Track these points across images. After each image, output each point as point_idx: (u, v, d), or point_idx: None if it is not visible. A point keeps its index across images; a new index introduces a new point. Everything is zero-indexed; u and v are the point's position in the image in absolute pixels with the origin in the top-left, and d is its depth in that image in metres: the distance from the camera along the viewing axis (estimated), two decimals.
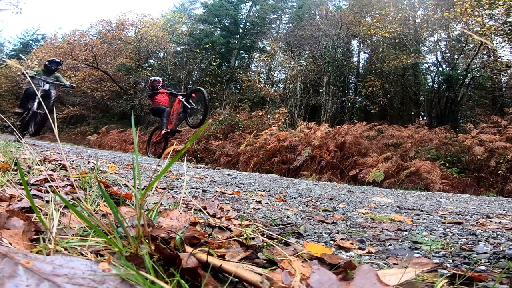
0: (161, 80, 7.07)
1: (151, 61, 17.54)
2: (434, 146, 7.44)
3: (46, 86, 5.39)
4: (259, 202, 1.50)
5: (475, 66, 10.01)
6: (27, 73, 5.29)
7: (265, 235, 0.78)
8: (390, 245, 0.87)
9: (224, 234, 0.74)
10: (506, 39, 9.07)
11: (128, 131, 13.52)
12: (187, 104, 6.44)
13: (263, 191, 2.06)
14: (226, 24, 17.27)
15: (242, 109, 12.70)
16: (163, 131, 6.51)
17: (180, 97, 6.58)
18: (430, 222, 1.30)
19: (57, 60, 6.08)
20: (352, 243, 0.84)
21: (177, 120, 6.45)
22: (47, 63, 5.82)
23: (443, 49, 11.52)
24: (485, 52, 10.05)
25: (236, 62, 17.08)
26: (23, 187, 0.60)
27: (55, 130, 0.70)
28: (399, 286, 0.50)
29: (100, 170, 1.80)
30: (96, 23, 17.84)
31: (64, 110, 16.89)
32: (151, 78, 7.08)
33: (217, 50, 16.07)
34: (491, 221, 1.37)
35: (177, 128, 6.56)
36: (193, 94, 6.69)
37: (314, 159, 7.42)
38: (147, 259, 0.43)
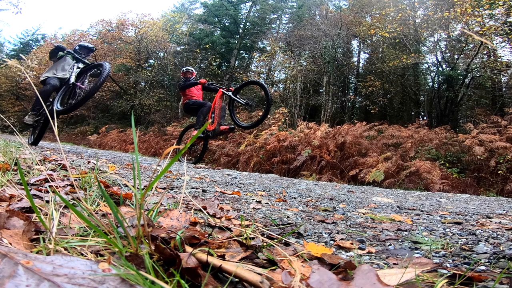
0: (194, 71, 6.08)
1: (151, 61, 17.56)
2: (434, 146, 7.44)
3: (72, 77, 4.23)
4: (259, 202, 1.50)
5: (475, 66, 10.02)
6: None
7: (265, 235, 0.78)
8: (390, 245, 0.87)
9: (224, 234, 0.74)
10: (506, 39, 9.07)
11: (128, 131, 13.53)
12: (238, 99, 5.32)
13: (263, 191, 2.06)
14: (226, 24, 17.27)
15: (242, 110, 12.72)
16: (195, 131, 5.47)
17: (223, 90, 5.49)
18: (430, 222, 1.30)
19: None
20: (352, 243, 0.84)
21: (220, 119, 5.42)
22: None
23: (443, 49, 11.52)
24: (485, 52, 10.06)
25: (236, 62, 17.09)
26: (23, 187, 0.60)
27: (55, 130, 0.70)
28: (399, 286, 0.50)
29: (100, 170, 1.80)
30: (96, 23, 17.88)
31: None
32: (184, 69, 6.12)
33: (217, 50, 16.08)
34: (491, 221, 1.37)
35: (230, 127, 5.55)
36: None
37: (314, 159, 7.42)
38: (147, 259, 0.43)
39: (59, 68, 4.47)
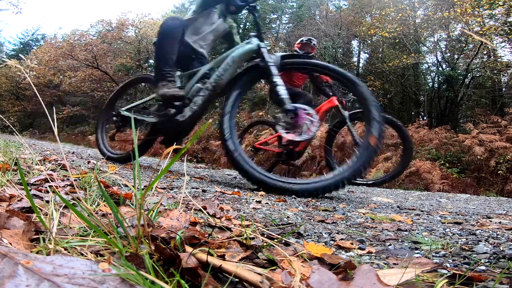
0: (316, 46, 3.98)
1: (151, 61, 17.55)
2: (434, 146, 7.45)
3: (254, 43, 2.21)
4: (259, 202, 1.50)
5: (475, 66, 10.03)
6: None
7: (265, 235, 0.78)
8: (390, 245, 0.87)
9: (224, 234, 0.74)
10: (506, 39, 9.08)
11: (128, 131, 13.50)
12: (353, 131, 3.35)
13: (263, 191, 2.06)
14: None
15: (242, 109, 12.71)
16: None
17: (335, 100, 3.45)
18: (430, 222, 1.30)
19: None
20: (352, 243, 0.84)
21: (311, 139, 3.35)
22: None
23: (443, 49, 11.53)
24: (485, 52, 10.06)
25: None
26: (23, 187, 0.60)
27: (55, 130, 0.70)
28: (399, 286, 0.50)
29: (100, 170, 1.80)
30: (96, 23, 17.88)
31: (64, 110, 16.91)
32: (304, 38, 3.97)
33: (217, 50, 16.08)
34: (491, 221, 1.37)
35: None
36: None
37: (314, 159, 7.42)
38: (147, 259, 0.43)
39: (195, 31, 2.50)
